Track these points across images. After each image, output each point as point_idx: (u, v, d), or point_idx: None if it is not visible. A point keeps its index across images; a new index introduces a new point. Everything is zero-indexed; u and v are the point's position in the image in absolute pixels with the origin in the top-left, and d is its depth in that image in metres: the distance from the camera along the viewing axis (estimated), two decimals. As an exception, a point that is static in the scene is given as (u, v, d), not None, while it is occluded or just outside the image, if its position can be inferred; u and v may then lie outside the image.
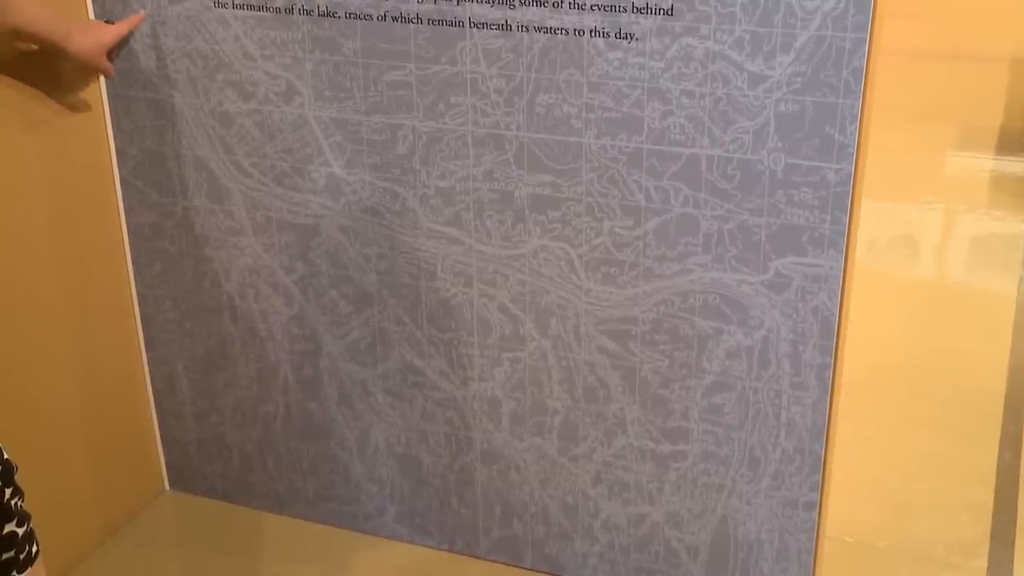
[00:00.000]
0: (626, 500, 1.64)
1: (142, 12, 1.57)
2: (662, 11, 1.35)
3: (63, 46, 1.46)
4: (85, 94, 1.62)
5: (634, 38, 1.37)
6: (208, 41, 1.57)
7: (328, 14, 1.50)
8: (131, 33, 1.59)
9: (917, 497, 1.89)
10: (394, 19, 1.47)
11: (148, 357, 1.83)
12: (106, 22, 1.57)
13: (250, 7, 1.53)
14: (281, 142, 1.60)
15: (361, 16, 1.48)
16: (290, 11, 1.51)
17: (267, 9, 1.52)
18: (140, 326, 1.81)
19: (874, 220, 1.39)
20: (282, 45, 1.54)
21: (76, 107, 1.61)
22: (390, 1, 1.46)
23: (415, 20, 1.46)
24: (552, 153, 1.47)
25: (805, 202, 1.38)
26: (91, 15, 1.60)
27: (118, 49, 1.61)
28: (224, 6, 1.54)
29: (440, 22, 1.45)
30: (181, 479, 1.91)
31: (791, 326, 1.45)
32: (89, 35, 1.50)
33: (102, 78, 1.62)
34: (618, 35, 1.38)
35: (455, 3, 1.43)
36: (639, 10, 1.36)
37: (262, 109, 1.59)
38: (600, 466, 1.63)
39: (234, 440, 1.85)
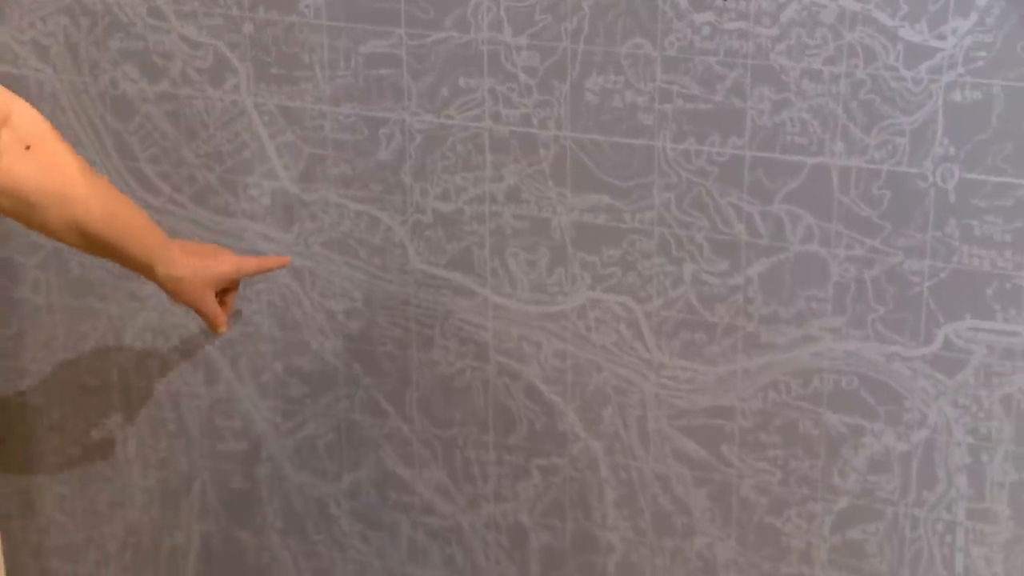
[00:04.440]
0: None
1: (289, 257, 1.58)
2: (776, -47, 1.36)
3: (150, 265, 1.41)
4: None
5: (734, -8, 1.38)
6: (99, -8, 1.59)
7: (278, -46, 1.51)
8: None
9: None
10: (376, -38, 1.48)
11: (-2, 460, 1.83)
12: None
13: (162, -57, 1.55)
14: (206, 142, 1.61)
15: (327, -43, 1.50)
16: (222, -51, 1.53)
17: (188, -54, 1.54)
18: (-13, 414, 1.81)
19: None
20: (209, -1, 1.56)
21: None
22: (371, -64, 1.48)
23: (408, -36, 1.48)
24: (609, 162, 1.47)
25: (991, 238, 1.37)
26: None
27: None
28: (124, -59, 1.56)
29: (445, -33, 1.46)
30: (43, 644, 1.90)
31: (969, 424, 1.44)
32: (199, 259, 1.46)
33: None
34: (710, -12, 1.39)
35: (467, -61, 1.45)
36: (742, -49, 1.37)
37: (177, 93, 1.60)
38: (676, 632, 1.62)
39: (124, 586, 1.84)
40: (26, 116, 1.28)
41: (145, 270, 1.41)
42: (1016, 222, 1.35)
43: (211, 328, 1.52)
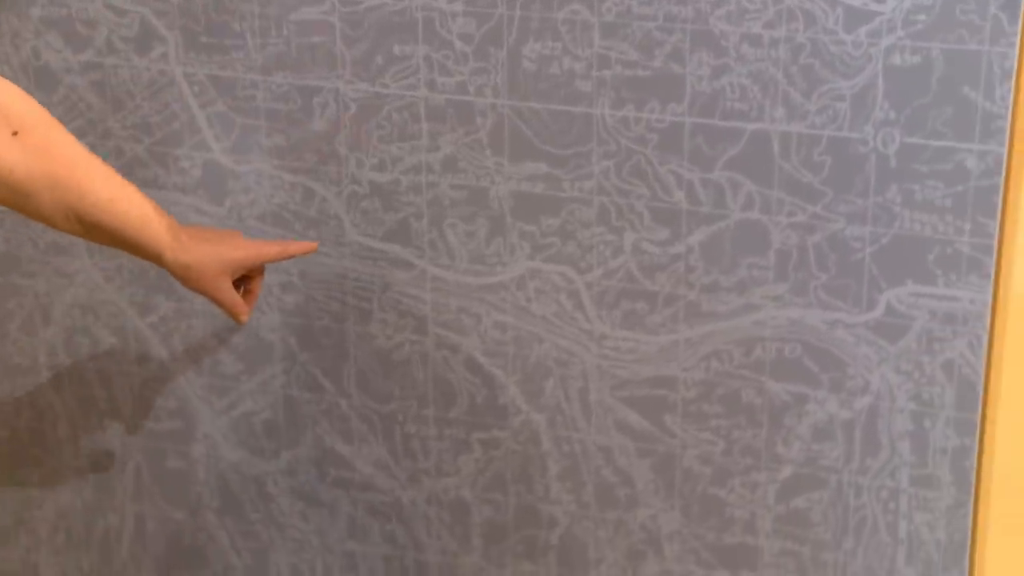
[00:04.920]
0: (660, 656, 1.63)
1: (316, 242, 1.54)
2: (714, -85, 1.36)
3: (157, 252, 1.36)
4: None
5: (672, -44, 1.38)
6: (20, -40, 1.57)
7: (206, -81, 1.50)
8: None
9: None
10: (307, -73, 1.48)
11: (-76, 443, 1.82)
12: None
13: (85, -91, 1.53)
14: (133, 113, 1.60)
15: (256, -78, 1.49)
16: (147, -85, 1.52)
17: (112, -89, 1.53)
18: (-89, 395, 1.80)
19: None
20: (134, -34, 1.55)
21: None
22: (301, -100, 1.47)
23: (339, -72, 1.47)
24: (547, 131, 1.48)
25: (932, 202, 1.38)
26: None
27: None
28: (45, -93, 1.55)
29: (377, -68, 1.46)
30: (-26, 631, 1.88)
31: (912, 391, 1.45)
32: (212, 246, 1.41)
33: None
34: (647, -49, 1.39)
35: (400, -97, 1.44)
36: (679, -86, 1.37)
37: (103, 63, 1.59)
38: (621, 605, 1.63)
39: (53, 574, 1.83)
40: (14, 101, 1.24)
41: (153, 258, 1.37)
42: (957, 186, 1.37)
43: (232, 318, 1.48)
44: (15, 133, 1.24)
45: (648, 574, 1.61)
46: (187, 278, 1.40)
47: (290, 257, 1.52)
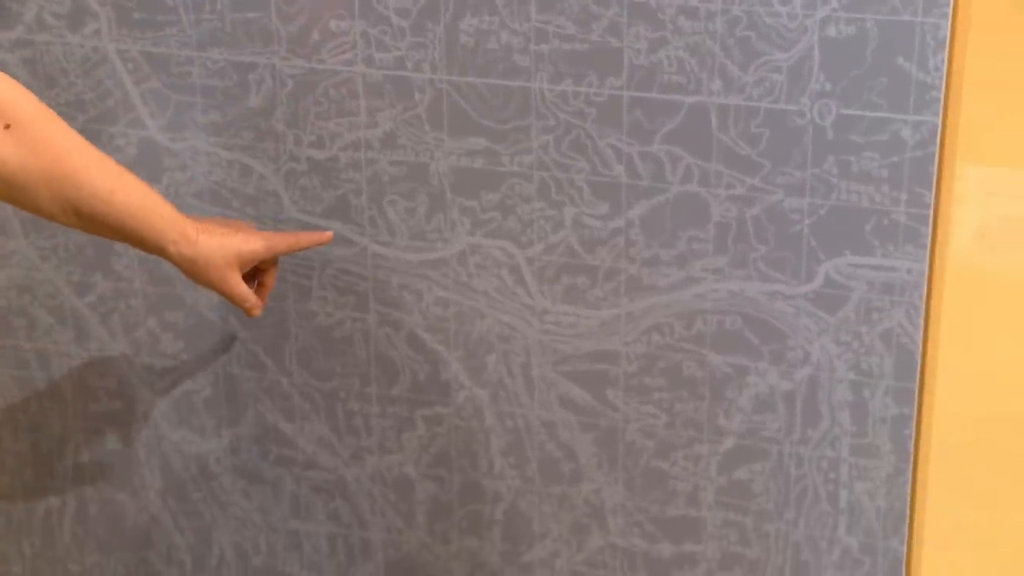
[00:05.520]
0: (606, 629, 1.65)
1: (330, 232, 1.53)
2: None
3: (160, 245, 1.34)
4: None
5: (608, -71, 1.38)
6: (-51, -64, 1.55)
7: None
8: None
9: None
10: (240, -99, 1.47)
11: None
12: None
13: None
14: (66, 91, 1.59)
15: None
16: None
17: None
18: None
19: (983, 197, 1.40)
20: (66, -58, 1.53)
21: None
22: None
23: (272, -97, 1.46)
24: (485, 105, 1.48)
25: (869, 173, 1.39)
26: None
27: None
28: None
29: (311, -95, 1.45)
30: (-85, 616, 1.87)
31: (851, 361, 1.47)
32: (219, 238, 1.38)
33: None
34: (583, -76, 1.39)
35: None
36: None
37: (34, 39, 1.58)
38: (566, 579, 1.64)
39: (-2, 554, 1.83)
40: (7, 94, 1.22)
41: (156, 250, 1.35)
42: (892, 157, 1.38)
43: (244, 312, 1.46)
44: (7, 126, 1.22)
45: (593, 547, 1.62)
46: (193, 272, 1.38)
47: (302, 249, 1.51)
